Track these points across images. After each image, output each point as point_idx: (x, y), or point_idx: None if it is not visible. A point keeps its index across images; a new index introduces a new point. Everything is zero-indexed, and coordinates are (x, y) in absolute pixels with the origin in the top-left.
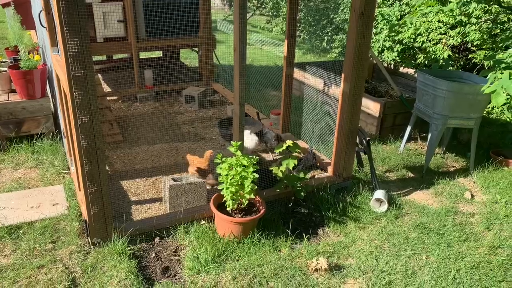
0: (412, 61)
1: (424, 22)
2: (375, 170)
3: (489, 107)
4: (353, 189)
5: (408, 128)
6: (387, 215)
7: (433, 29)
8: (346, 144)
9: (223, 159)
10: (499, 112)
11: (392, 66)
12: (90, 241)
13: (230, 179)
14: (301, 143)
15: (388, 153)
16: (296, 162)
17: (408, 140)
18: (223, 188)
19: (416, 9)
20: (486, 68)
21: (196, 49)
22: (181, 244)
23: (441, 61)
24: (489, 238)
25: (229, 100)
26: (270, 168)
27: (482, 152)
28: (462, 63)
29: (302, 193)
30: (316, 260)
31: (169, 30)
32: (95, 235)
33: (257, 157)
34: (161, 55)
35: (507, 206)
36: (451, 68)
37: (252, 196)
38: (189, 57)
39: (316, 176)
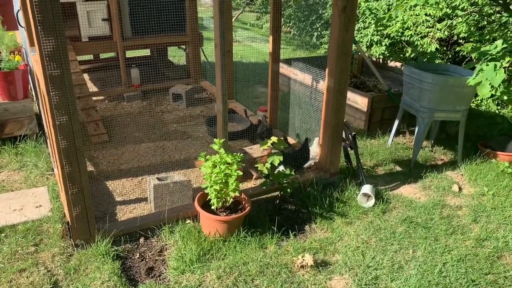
0: (401, 55)
1: (411, 16)
2: (362, 165)
3: (478, 99)
4: (341, 184)
5: (396, 122)
6: (374, 210)
7: (420, 23)
8: (332, 139)
9: (207, 157)
10: (487, 104)
11: (380, 60)
12: (73, 243)
13: (214, 177)
14: (289, 140)
15: (377, 147)
16: (281, 158)
17: (397, 134)
18: (207, 187)
19: (401, 2)
20: (474, 60)
21: (184, 47)
22: (166, 244)
23: (429, 54)
24: (476, 230)
25: (216, 98)
26: (256, 166)
27: (470, 144)
28: (450, 56)
29: (289, 190)
30: (302, 256)
31: (155, 28)
32: (78, 236)
33: (241, 155)
34: (149, 54)
35: (494, 198)
36: (439, 61)
37: (237, 194)
38: (178, 55)
39: (304, 172)
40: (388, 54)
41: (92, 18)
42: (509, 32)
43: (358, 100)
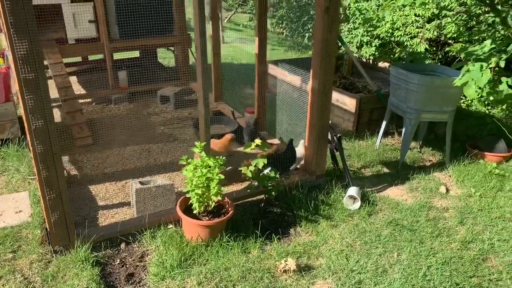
0: (391, 56)
1: (401, 16)
2: (348, 167)
3: (468, 100)
4: (327, 187)
5: (384, 123)
6: (360, 213)
7: (410, 23)
8: (318, 141)
9: (189, 160)
10: (475, 105)
11: (371, 61)
12: (52, 249)
13: (195, 181)
14: (276, 141)
15: (364, 148)
16: (266, 161)
17: (385, 135)
18: (189, 191)
19: (388, 2)
20: (464, 60)
21: (172, 48)
22: (148, 250)
23: (418, 54)
24: (462, 233)
25: None
26: (240, 169)
27: (458, 145)
28: (441, 56)
29: (273, 193)
30: (285, 261)
31: (143, 30)
32: (57, 243)
33: (224, 158)
34: (138, 55)
35: (481, 199)
36: (429, 62)
37: (219, 198)
38: (168, 57)
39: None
40: (378, 55)
41: (78, 20)
42: (497, 32)
43: (346, 101)
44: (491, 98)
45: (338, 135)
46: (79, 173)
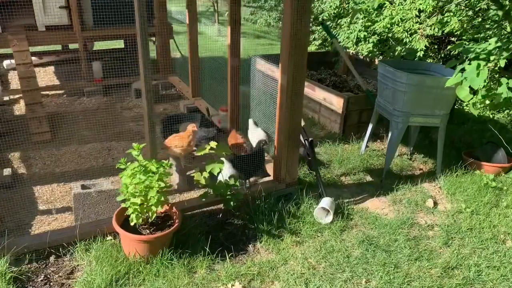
0: (391, 54)
1: (400, 10)
2: (320, 175)
3: (470, 102)
4: (297, 196)
5: (370, 126)
6: (332, 228)
7: (409, 18)
8: (288, 145)
9: (128, 164)
10: (469, 109)
11: (367, 58)
12: None
13: (132, 189)
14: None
15: (348, 154)
16: (222, 166)
17: (374, 140)
18: (124, 200)
19: None
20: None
21: (153, 39)
22: (79, 265)
23: (418, 52)
24: (445, 256)
25: (184, 95)
26: (192, 175)
27: (454, 153)
28: (443, 55)
29: (232, 203)
30: (232, 285)
31: (120, 18)
32: None
33: (170, 163)
34: (123, 46)
35: (472, 216)
36: (431, 60)
37: (159, 208)
38: (152, 49)
39: (259, 181)
40: (376, 52)
41: (47, 6)
42: (503, 30)
43: (333, 101)
44: (487, 102)
45: (310, 139)
46: (27, 171)
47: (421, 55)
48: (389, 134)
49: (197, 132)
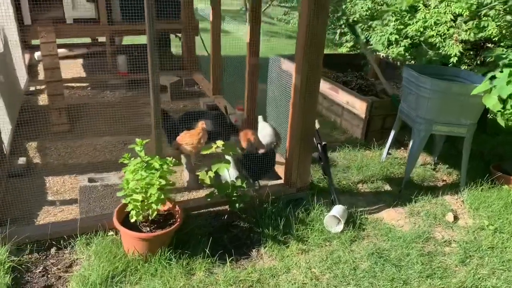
0: (423, 58)
1: (435, 14)
2: (333, 181)
3: (505, 111)
4: (305, 202)
5: (392, 133)
6: (341, 237)
7: (443, 22)
8: (300, 149)
9: (132, 159)
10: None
11: (398, 62)
12: None
13: (133, 185)
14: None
15: (369, 160)
16: (229, 166)
17: (398, 147)
18: (125, 195)
19: None
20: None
21: (180, 35)
22: (78, 259)
23: (452, 58)
24: (461, 275)
25: (205, 92)
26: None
27: (483, 165)
28: (479, 62)
29: (237, 205)
30: None
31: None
32: None
33: (175, 160)
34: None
35: (495, 234)
36: (464, 67)
37: (159, 206)
38: (178, 45)
39: (269, 184)
40: (408, 56)
41: None
42: None
43: (356, 105)
44: None
45: (323, 143)
46: (41, 161)
47: (455, 61)
48: (410, 142)
49: (206, 130)
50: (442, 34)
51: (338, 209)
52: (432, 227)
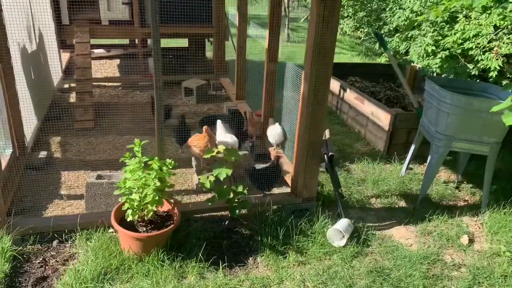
0: (460, 71)
1: (474, 25)
2: (340, 194)
3: None
4: (311, 213)
5: (412, 147)
6: (343, 252)
7: (484, 34)
8: (307, 158)
9: (132, 159)
10: None
11: (434, 74)
12: None
13: (130, 184)
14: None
15: (387, 174)
16: (230, 172)
17: (420, 162)
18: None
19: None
20: None
21: (212, 40)
22: (77, 253)
23: (491, 72)
24: None
25: (230, 97)
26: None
27: (510, 187)
28: None
29: (237, 211)
30: None
31: (180, 16)
32: None
33: (174, 162)
34: (187, 46)
35: (511, 262)
36: (505, 82)
37: (154, 208)
38: (210, 49)
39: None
40: (446, 69)
41: (112, 1)
42: None
43: (380, 116)
44: None
45: (330, 154)
46: (61, 156)
47: (494, 75)
48: (428, 158)
49: (211, 133)
50: (482, 46)
51: (343, 223)
52: (443, 248)
